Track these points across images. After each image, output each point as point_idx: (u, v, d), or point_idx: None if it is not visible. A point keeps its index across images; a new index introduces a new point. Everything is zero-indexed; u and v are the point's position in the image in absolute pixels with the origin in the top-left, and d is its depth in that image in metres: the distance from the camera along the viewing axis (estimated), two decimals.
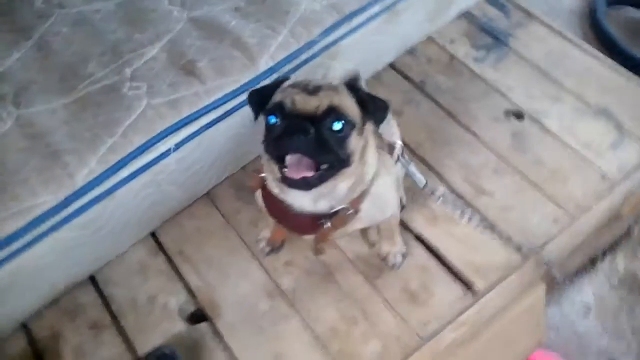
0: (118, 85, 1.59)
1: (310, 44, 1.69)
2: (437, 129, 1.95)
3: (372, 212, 1.30)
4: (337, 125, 1.07)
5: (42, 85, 1.62)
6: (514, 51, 2.14)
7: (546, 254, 1.65)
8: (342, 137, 1.09)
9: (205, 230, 1.75)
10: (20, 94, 1.60)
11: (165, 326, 1.58)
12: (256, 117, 1.14)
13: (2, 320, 1.53)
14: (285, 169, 1.07)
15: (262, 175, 1.25)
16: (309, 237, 1.36)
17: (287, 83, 1.15)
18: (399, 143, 1.41)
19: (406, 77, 2.10)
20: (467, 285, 1.61)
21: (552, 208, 1.74)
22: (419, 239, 1.71)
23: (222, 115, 1.60)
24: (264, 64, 1.63)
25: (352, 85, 1.15)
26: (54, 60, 1.67)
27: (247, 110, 1.25)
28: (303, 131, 1.03)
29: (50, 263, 1.49)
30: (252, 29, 1.70)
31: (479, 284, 1.60)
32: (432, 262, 1.66)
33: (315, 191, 1.15)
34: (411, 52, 2.17)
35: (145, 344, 1.55)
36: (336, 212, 1.22)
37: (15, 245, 1.38)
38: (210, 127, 1.58)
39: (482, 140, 1.91)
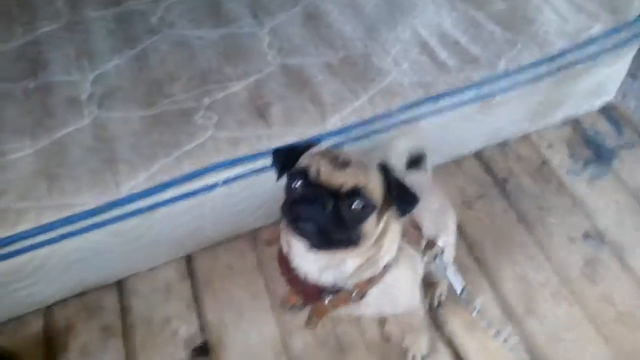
0: (192, 112, 1.64)
1: (385, 116, 1.66)
2: (505, 233, 1.82)
3: (380, 302, 1.21)
4: (356, 206, 1.02)
5: (127, 93, 1.71)
6: (614, 173, 1.96)
7: None
8: (358, 218, 1.04)
9: (238, 268, 1.74)
10: (107, 97, 1.71)
11: (168, 351, 1.58)
12: (279, 178, 1.11)
13: (27, 299, 1.60)
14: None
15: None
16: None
17: (316, 149, 1.12)
18: (441, 242, 1.32)
19: (488, 170, 1.99)
20: None
21: (607, 355, 1.54)
22: (450, 344, 1.58)
23: None
24: (332, 123, 1.62)
25: (385, 167, 1.09)
26: (146, 73, 1.77)
27: None
28: (321, 204, 1.00)
29: (81, 260, 1.56)
30: (334, 88, 1.69)
31: None
32: None
33: (321, 260, 1.11)
34: (501, 145, 2.06)
35: None
36: (339, 290, 1.16)
37: (48, 236, 1.45)
38: (264, 171, 1.58)
39: (550, 258, 1.76)
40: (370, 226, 1.06)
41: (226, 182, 1.57)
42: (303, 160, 1.08)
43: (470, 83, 1.73)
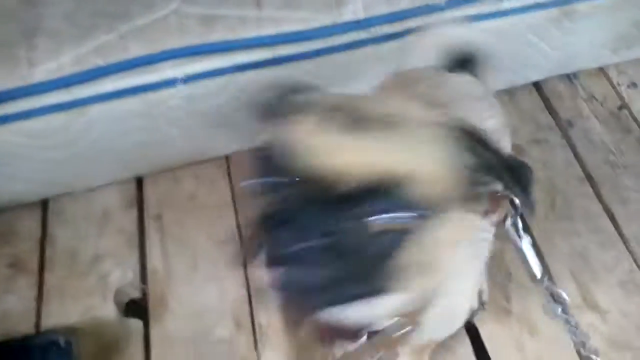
0: None
1: (427, 9, 1.17)
2: (565, 191, 1.37)
3: (438, 324, 0.77)
4: (387, 221, 0.49)
5: None
6: None
7: None
8: (392, 247, 0.51)
9: (201, 202, 1.31)
10: None
11: (91, 302, 1.17)
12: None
13: None
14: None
15: None
16: None
17: (319, 95, 0.58)
18: (513, 196, 0.81)
19: (550, 108, 1.53)
20: None
21: None
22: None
23: (269, 60, 1.13)
24: (351, 12, 1.14)
25: (468, 132, 0.54)
26: None
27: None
28: (312, 225, 0.49)
29: None
30: None
31: None
32: None
33: None
34: (570, 78, 1.58)
35: (55, 315, 1.16)
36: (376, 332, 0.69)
37: None
38: (245, 69, 1.12)
39: (622, 233, 1.31)
40: (421, 250, 0.53)
41: (191, 79, 1.11)
42: (291, 128, 0.53)
43: None
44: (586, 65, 1.58)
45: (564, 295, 0.87)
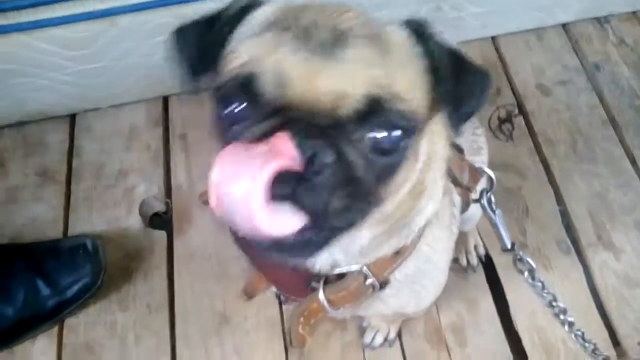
0: None
1: None
2: (588, 134, 1.37)
3: (409, 291, 0.73)
4: (385, 141, 0.49)
5: None
6: None
7: None
8: (390, 163, 0.51)
9: None
10: None
11: (117, 213, 1.21)
12: (191, 87, 0.55)
13: None
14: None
15: None
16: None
17: (262, 13, 0.55)
18: (489, 172, 0.85)
19: (578, 51, 1.50)
20: None
21: None
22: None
23: None
24: None
25: (421, 27, 0.53)
26: None
27: None
28: (310, 158, 0.45)
29: (20, 74, 1.16)
30: None
31: None
32: None
33: None
34: (601, 21, 1.55)
35: (81, 224, 1.19)
36: (342, 276, 0.66)
37: None
38: None
39: None
40: (408, 168, 0.54)
41: None
42: (240, 48, 0.51)
43: None
44: (619, 9, 1.54)
45: (532, 262, 0.95)
